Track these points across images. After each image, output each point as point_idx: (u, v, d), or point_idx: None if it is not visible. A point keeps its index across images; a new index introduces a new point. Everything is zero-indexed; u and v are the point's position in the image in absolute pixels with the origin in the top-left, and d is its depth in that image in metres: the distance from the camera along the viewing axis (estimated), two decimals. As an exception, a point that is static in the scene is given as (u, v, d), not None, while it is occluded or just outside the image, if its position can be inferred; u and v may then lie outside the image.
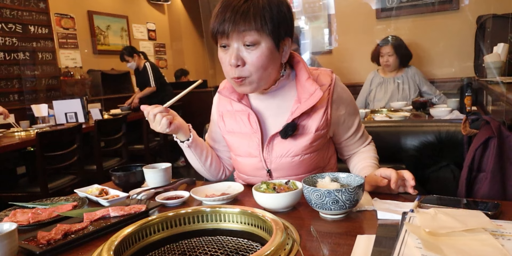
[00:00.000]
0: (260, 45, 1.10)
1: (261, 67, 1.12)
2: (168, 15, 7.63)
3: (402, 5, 4.07)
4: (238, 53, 1.11)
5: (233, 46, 1.11)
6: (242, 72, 1.12)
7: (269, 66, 1.14)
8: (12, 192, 2.85)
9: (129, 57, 4.90)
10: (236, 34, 1.08)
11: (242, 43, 1.10)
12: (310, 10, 4.53)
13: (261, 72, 1.13)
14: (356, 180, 1.02)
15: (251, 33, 1.08)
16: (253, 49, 1.10)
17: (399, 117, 2.67)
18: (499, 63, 2.63)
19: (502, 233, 0.76)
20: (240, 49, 1.11)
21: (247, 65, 1.11)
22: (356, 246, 0.79)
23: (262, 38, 1.09)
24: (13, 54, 4.29)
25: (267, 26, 1.08)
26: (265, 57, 1.11)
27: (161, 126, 1.20)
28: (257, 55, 1.10)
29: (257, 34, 1.08)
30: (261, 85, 1.18)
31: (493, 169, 1.16)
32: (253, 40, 1.09)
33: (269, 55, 1.12)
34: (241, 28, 1.07)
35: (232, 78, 1.15)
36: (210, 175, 1.43)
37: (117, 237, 0.81)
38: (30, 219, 1.05)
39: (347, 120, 1.29)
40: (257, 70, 1.12)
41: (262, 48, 1.10)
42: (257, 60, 1.10)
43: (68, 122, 3.93)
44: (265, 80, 1.16)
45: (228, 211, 0.93)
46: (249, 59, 1.11)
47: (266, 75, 1.15)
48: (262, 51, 1.10)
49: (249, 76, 1.13)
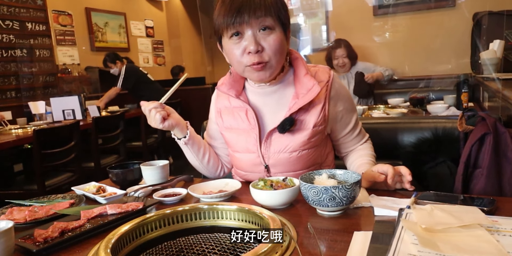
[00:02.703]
0: (275, 30, 1.13)
1: (278, 51, 1.14)
2: (166, 12, 7.60)
3: (399, 2, 4.08)
4: (256, 39, 1.12)
5: (247, 33, 1.12)
6: (262, 57, 1.13)
7: (283, 52, 1.17)
8: (9, 189, 2.85)
9: (112, 64, 4.94)
10: (255, 21, 1.10)
11: (258, 29, 1.11)
12: (307, 7, 4.53)
13: (278, 56, 1.15)
14: (353, 176, 1.02)
15: (269, 19, 1.11)
16: (269, 33, 1.12)
17: (397, 113, 2.68)
18: (495, 59, 2.63)
19: (498, 229, 0.77)
20: (257, 35, 1.12)
21: (266, 50, 1.13)
22: (353, 242, 0.79)
23: (276, 25, 1.13)
24: (10, 51, 4.27)
25: (280, 14, 1.13)
26: (280, 41, 1.14)
27: (155, 121, 1.21)
28: (274, 39, 1.13)
29: (273, 21, 1.12)
30: (275, 72, 1.19)
31: (489, 165, 1.16)
32: (270, 25, 1.12)
33: (282, 40, 1.15)
34: (260, 14, 1.09)
35: (251, 65, 1.14)
36: (208, 173, 1.44)
37: (114, 234, 0.81)
38: (27, 217, 1.05)
39: (345, 116, 1.30)
40: (275, 54, 1.14)
41: (277, 33, 1.13)
42: (274, 43, 1.12)
43: (65, 119, 3.91)
44: (279, 66, 1.19)
45: (226, 208, 0.94)
46: (267, 44, 1.12)
47: (281, 60, 1.17)
48: (278, 36, 1.13)
49: (269, 60, 1.14)
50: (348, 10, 4.35)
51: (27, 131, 3.28)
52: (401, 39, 4.00)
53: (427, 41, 3.98)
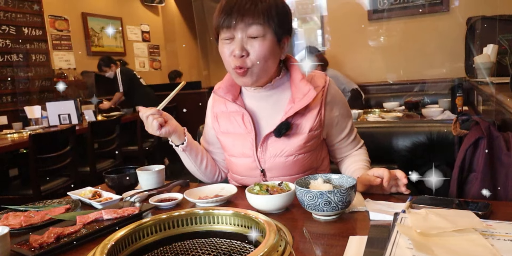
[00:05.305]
0: (264, 37, 1.14)
1: (263, 58, 1.15)
2: (162, 17, 7.61)
3: (393, 7, 4.11)
4: (242, 44, 1.14)
5: (237, 37, 1.14)
6: (245, 62, 1.15)
7: (270, 59, 1.17)
8: (4, 194, 2.82)
9: (107, 68, 4.99)
10: (243, 27, 1.12)
11: (247, 35, 1.13)
12: (303, 12, 4.55)
13: (262, 63, 1.16)
14: (349, 181, 1.02)
15: (257, 26, 1.12)
16: (257, 40, 1.14)
17: (392, 117, 2.69)
18: (489, 63, 2.66)
19: (492, 233, 0.77)
20: (244, 41, 1.14)
21: (250, 55, 1.14)
22: (348, 247, 0.79)
23: (267, 32, 1.14)
24: (6, 55, 4.26)
25: (272, 21, 1.13)
26: (267, 48, 1.14)
27: (151, 128, 1.22)
28: (260, 46, 1.14)
29: (262, 28, 1.13)
30: (261, 78, 1.20)
31: (483, 169, 1.17)
32: (258, 33, 1.13)
33: (271, 48, 1.16)
34: (248, 21, 1.11)
35: (234, 68, 1.16)
36: (206, 178, 1.44)
37: (110, 240, 0.81)
38: (22, 222, 1.04)
39: (340, 122, 1.30)
40: (259, 61, 1.15)
41: (265, 40, 1.14)
42: (259, 50, 1.14)
43: (61, 123, 3.90)
44: (265, 73, 1.19)
45: (222, 213, 0.94)
46: (252, 50, 1.14)
47: (266, 67, 1.18)
48: (265, 43, 1.14)
49: (251, 67, 1.15)
50: (343, 14, 4.38)
51: (22, 136, 3.27)
52: (396, 43, 4.03)
53: (422, 46, 4.01)
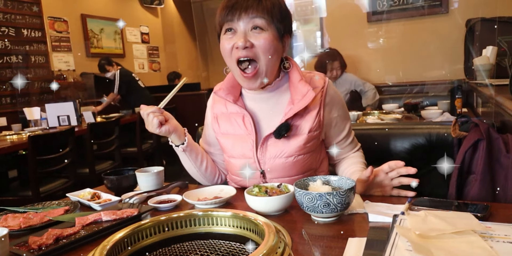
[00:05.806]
0: (267, 31, 1.15)
1: (268, 50, 1.15)
2: (161, 18, 7.62)
3: (392, 8, 4.11)
4: (245, 36, 1.15)
5: (240, 30, 1.15)
6: (249, 52, 1.15)
7: (274, 54, 1.18)
8: (3, 196, 2.82)
9: (110, 66, 5.06)
10: (246, 20, 1.14)
11: (250, 28, 1.15)
12: (302, 13, 4.56)
13: (267, 58, 1.16)
14: (348, 183, 1.02)
15: (261, 20, 1.14)
16: (260, 32, 1.15)
17: (391, 119, 2.69)
18: (488, 65, 2.66)
19: (491, 235, 0.77)
20: (248, 33, 1.15)
21: (255, 47, 1.15)
22: (347, 249, 0.79)
23: (269, 26, 1.15)
24: (5, 57, 4.27)
25: (275, 17, 1.15)
26: (271, 42, 1.15)
27: (152, 126, 1.21)
28: (264, 38, 1.15)
29: (265, 22, 1.14)
30: (267, 77, 1.20)
31: (482, 171, 1.17)
32: (262, 25, 1.14)
33: (274, 42, 1.17)
34: (252, 15, 1.13)
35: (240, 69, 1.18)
36: (205, 180, 1.43)
37: (109, 241, 0.81)
38: (21, 223, 1.04)
39: (339, 123, 1.31)
40: (264, 53, 1.15)
41: (268, 33, 1.15)
42: (264, 42, 1.15)
43: (60, 125, 3.90)
44: (270, 70, 1.20)
45: (220, 214, 0.94)
46: (257, 42, 1.15)
47: (271, 63, 1.18)
48: (269, 36, 1.15)
49: (257, 58, 1.16)
50: (342, 16, 4.38)
51: (22, 137, 3.27)
52: (395, 45, 4.03)
53: (421, 47, 4.01)
